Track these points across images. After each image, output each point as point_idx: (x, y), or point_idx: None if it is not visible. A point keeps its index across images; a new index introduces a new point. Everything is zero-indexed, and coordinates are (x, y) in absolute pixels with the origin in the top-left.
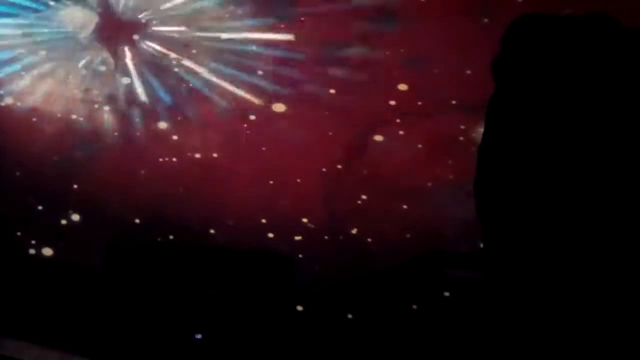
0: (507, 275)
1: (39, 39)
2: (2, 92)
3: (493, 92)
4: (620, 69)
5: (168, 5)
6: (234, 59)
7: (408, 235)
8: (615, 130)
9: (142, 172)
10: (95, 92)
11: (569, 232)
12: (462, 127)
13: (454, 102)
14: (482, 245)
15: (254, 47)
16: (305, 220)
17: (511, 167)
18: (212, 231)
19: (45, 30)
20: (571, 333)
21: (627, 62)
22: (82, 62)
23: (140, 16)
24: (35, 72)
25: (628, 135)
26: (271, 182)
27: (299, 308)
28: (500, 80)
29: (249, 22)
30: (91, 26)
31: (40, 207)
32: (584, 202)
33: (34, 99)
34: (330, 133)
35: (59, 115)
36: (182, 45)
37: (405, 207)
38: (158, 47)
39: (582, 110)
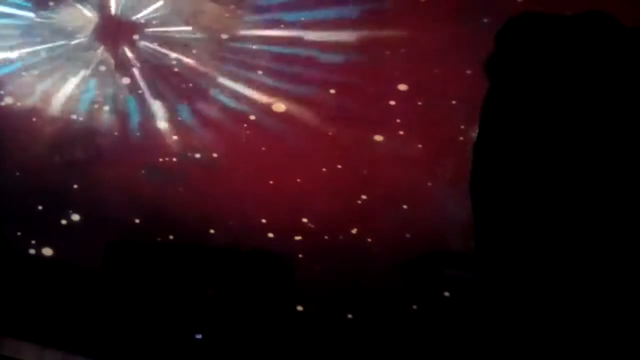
0: (501, 271)
1: (39, 39)
2: (2, 92)
3: (487, 92)
4: (611, 67)
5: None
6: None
7: (408, 235)
8: (607, 128)
9: (142, 172)
10: (96, 92)
11: (562, 229)
12: (462, 127)
13: (454, 102)
14: (475, 242)
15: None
16: (305, 220)
17: (505, 165)
18: (212, 231)
19: (46, 30)
20: (563, 329)
21: (618, 61)
22: (82, 63)
23: (139, 16)
24: (35, 72)
25: (620, 133)
26: (271, 182)
27: (299, 308)
28: (494, 79)
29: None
30: (91, 26)
31: (40, 207)
32: (577, 199)
33: (34, 99)
34: (330, 133)
35: (59, 115)
36: (182, 45)
37: (405, 207)
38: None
39: (574, 108)
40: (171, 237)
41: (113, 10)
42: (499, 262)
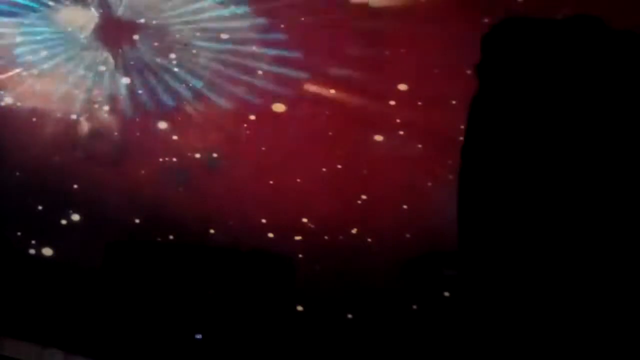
0: (485, 267)
1: (39, 38)
2: (2, 92)
3: (474, 94)
4: (596, 70)
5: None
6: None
7: (408, 235)
8: (589, 129)
9: (142, 172)
10: (95, 92)
11: (543, 225)
12: (462, 127)
13: (454, 102)
14: (459, 238)
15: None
16: (305, 220)
17: (491, 165)
18: (212, 231)
19: (46, 30)
20: (546, 322)
21: (604, 63)
22: (82, 62)
23: (139, 16)
24: (35, 72)
25: (602, 134)
26: (271, 182)
27: (299, 308)
28: (481, 82)
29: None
30: (91, 26)
31: (40, 207)
32: (558, 197)
33: (34, 99)
34: (330, 133)
35: (59, 115)
36: (182, 45)
37: (405, 207)
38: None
39: (558, 110)
40: (171, 237)
41: (114, 10)
42: (483, 258)
